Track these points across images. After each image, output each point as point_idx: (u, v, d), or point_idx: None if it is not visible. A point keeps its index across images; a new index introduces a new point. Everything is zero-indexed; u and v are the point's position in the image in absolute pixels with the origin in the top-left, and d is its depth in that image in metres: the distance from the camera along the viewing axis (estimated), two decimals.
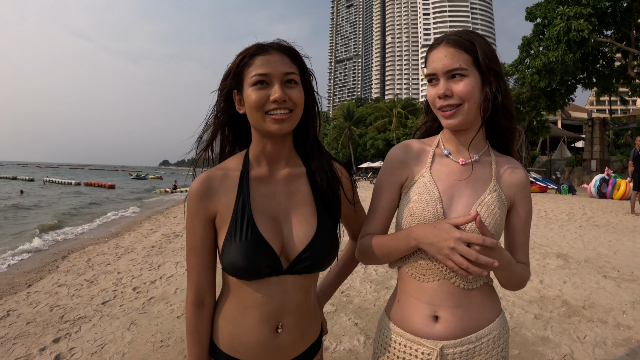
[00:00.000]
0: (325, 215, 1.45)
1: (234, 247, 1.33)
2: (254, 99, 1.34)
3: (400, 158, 1.57)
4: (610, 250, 8.55)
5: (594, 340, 4.28)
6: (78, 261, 8.95)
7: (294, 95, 1.36)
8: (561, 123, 52.63)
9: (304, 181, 1.48)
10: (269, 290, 1.36)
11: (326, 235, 1.41)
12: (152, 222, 15.42)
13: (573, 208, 16.12)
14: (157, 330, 4.67)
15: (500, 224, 1.46)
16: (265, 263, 1.32)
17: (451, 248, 1.25)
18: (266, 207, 1.41)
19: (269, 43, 1.41)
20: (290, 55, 1.41)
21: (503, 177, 1.51)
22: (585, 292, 5.76)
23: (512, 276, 1.42)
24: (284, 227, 1.40)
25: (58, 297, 6.15)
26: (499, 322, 1.48)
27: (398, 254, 1.46)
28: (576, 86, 31.76)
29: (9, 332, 4.76)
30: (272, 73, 1.34)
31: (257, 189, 1.43)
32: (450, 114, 1.41)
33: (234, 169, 1.46)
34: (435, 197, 1.44)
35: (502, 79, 1.46)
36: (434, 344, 1.41)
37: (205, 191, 1.41)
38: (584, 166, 32.97)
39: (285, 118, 1.34)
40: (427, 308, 1.44)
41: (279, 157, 1.47)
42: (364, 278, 6.46)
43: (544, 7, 28.82)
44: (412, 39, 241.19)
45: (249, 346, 1.38)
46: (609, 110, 52.47)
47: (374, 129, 72.73)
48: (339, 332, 4.50)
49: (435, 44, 1.44)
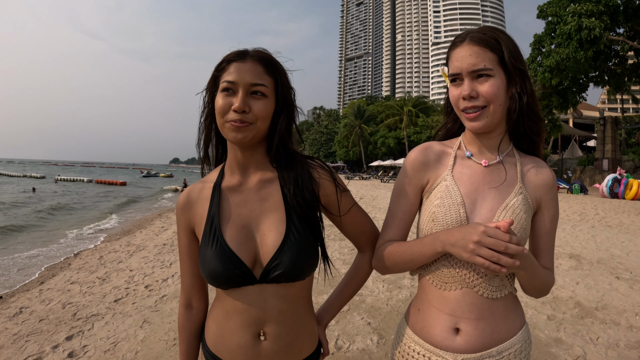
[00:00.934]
0: (296, 220, 1.39)
1: (205, 257, 1.35)
2: (219, 105, 1.35)
3: (421, 161, 1.49)
4: (623, 251, 8.49)
5: (607, 342, 4.25)
6: (90, 259, 9.03)
7: (256, 108, 1.34)
8: (573, 122, 52.20)
9: (275, 186, 1.45)
10: (247, 298, 1.36)
11: (295, 242, 1.36)
12: (163, 220, 15.52)
13: (585, 208, 16.02)
14: (170, 328, 4.69)
15: (527, 228, 1.38)
16: (234, 272, 1.32)
17: (476, 242, 1.16)
18: (237, 216, 1.41)
19: (249, 50, 1.40)
20: (265, 66, 1.39)
21: (529, 178, 1.44)
22: (598, 294, 5.72)
23: (535, 279, 1.34)
24: (256, 234, 1.39)
25: (70, 294, 6.20)
26: (521, 335, 1.41)
27: (422, 261, 1.39)
28: (588, 84, 31.49)
29: (22, 330, 4.81)
30: (239, 82, 1.33)
31: (228, 199, 1.43)
32: (475, 116, 1.34)
33: (210, 181, 1.49)
34: (457, 201, 1.38)
35: (527, 78, 1.38)
36: (454, 356, 1.36)
37: (185, 204, 1.48)
38: (596, 165, 32.70)
39: (242, 127, 1.33)
40: (449, 320, 1.38)
41: (251, 165, 1.46)
42: (377, 277, 6.46)
43: (555, 4, 28.59)
44: (422, 37, 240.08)
45: (231, 348, 1.39)
46: (621, 109, 52.10)
47: (384, 127, 72.59)
48: (352, 331, 4.50)
49: (458, 41, 1.37)
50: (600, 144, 32.99)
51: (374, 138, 75.38)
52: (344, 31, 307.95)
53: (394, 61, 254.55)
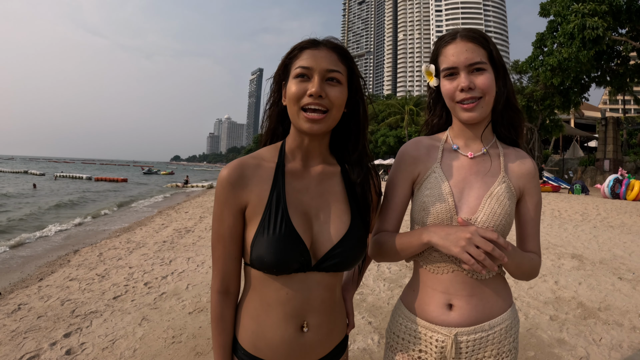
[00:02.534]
0: (357, 214, 1.43)
1: (265, 239, 1.29)
2: (293, 91, 1.32)
3: (412, 154, 1.60)
4: (626, 251, 8.46)
5: (610, 343, 4.21)
6: (90, 255, 9.00)
7: (333, 94, 1.33)
8: (574, 122, 52.17)
9: (337, 179, 1.47)
10: (293, 286, 1.33)
11: (357, 234, 1.39)
12: (163, 217, 15.48)
13: (587, 208, 15.98)
14: (169, 326, 4.66)
15: (510, 214, 1.48)
16: (296, 258, 1.29)
17: (468, 239, 1.29)
18: (299, 202, 1.38)
19: (321, 39, 1.40)
20: (339, 54, 1.38)
21: (512, 168, 1.55)
22: (601, 294, 5.69)
23: (520, 266, 1.44)
24: (315, 223, 1.37)
25: (69, 291, 6.17)
26: (510, 312, 1.52)
27: (410, 251, 1.48)
28: (590, 84, 31.45)
29: (20, 326, 4.78)
30: (315, 67, 1.32)
31: (290, 183, 1.39)
32: (472, 107, 1.44)
33: (268, 160, 1.42)
34: (446, 190, 1.48)
35: (508, 74, 1.53)
36: (449, 330, 1.44)
37: (238, 179, 1.36)
38: (597, 166, 32.66)
39: (319, 119, 1.32)
40: (442, 297, 1.47)
41: (315, 154, 1.45)
42: (378, 276, 6.42)
43: (558, 3, 28.53)
44: (424, 36, 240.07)
45: (274, 345, 1.35)
46: (623, 109, 51.97)
47: (385, 125, 72.53)
48: (353, 331, 4.44)
49: (450, 39, 1.48)
50: (601, 144, 32.96)
51: (374, 137, 75.35)
52: (346, 30, 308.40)
53: (396, 60, 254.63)
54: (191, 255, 8.42)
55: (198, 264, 7.62)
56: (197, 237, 10.57)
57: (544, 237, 10.07)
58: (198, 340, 4.28)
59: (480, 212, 1.44)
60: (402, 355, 1.56)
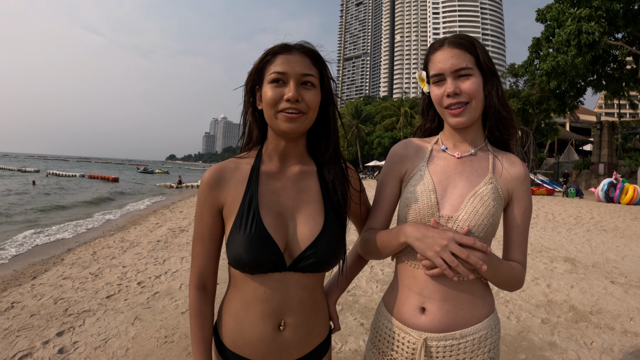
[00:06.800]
0: (332, 214, 1.45)
1: (238, 239, 1.34)
2: (269, 96, 1.35)
3: (401, 154, 1.64)
4: (619, 255, 8.50)
5: (601, 346, 4.24)
6: (83, 254, 8.97)
7: (308, 98, 1.37)
8: (569, 126, 52.37)
9: (313, 179, 1.49)
10: (271, 285, 1.36)
11: (331, 234, 1.41)
12: (158, 217, 15.44)
13: (581, 212, 16.05)
14: (162, 325, 4.66)
15: (495, 215, 1.47)
16: (268, 257, 1.32)
17: (444, 245, 1.30)
18: (273, 203, 1.41)
19: (293, 44, 1.42)
20: (311, 58, 1.41)
21: (501, 170, 1.54)
22: (593, 298, 5.71)
23: (498, 275, 1.42)
24: (290, 223, 1.40)
25: (63, 289, 6.15)
26: (487, 322, 1.48)
27: (390, 250, 1.51)
28: (586, 89, 31.59)
29: (13, 324, 4.76)
30: (290, 72, 1.35)
31: (266, 184, 1.43)
32: (459, 112, 1.45)
33: (245, 163, 1.47)
34: (429, 187, 1.50)
35: (498, 78, 1.53)
36: (419, 334, 1.45)
37: (216, 181, 1.43)
38: (592, 169, 32.80)
39: (296, 117, 1.35)
40: (416, 299, 1.47)
41: (292, 155, 1.48)
42: (370, 278, 6.44)
43: (555, 8, 28.66)
44: (421, 38, 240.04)
45: (251, 342, 1.38)
46: (618, 114, 52.25)
47: (381, 127, 72.56)
48: (344, 332, 4.47)
49: (437, 46, 1.50)
50: (596, 148, 33.13)
51: (370, 138, 75.37)
52: (343, 31, 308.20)
53: (392, 62, 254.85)
54: (185, 255, 8.41)
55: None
56: (191, 236, 10.46)
57: (537, 240, 10.11)
58: (190, 341, 4.27)
59: (462, 211, 1.44)
60: (377, 352, 1.60)
